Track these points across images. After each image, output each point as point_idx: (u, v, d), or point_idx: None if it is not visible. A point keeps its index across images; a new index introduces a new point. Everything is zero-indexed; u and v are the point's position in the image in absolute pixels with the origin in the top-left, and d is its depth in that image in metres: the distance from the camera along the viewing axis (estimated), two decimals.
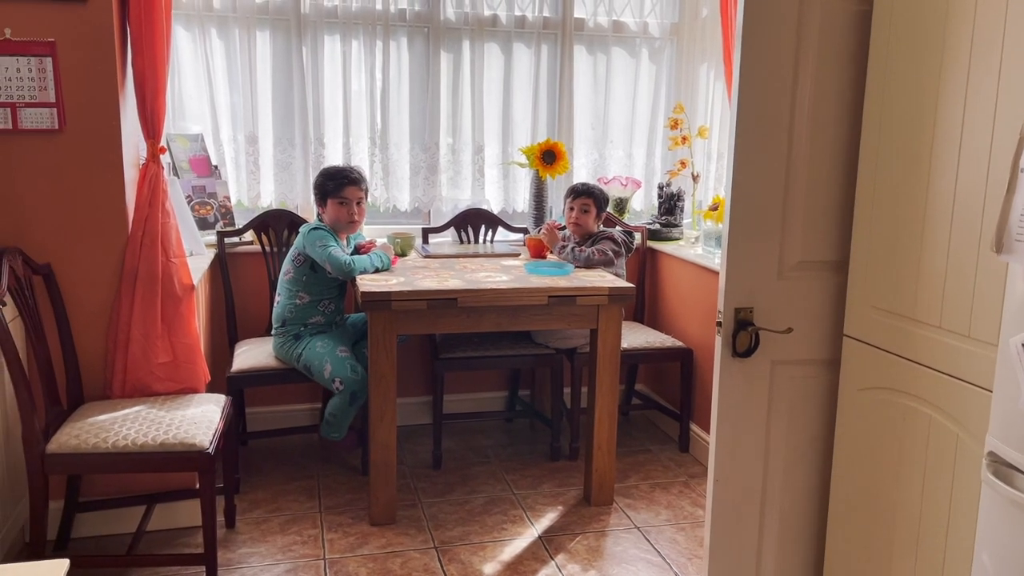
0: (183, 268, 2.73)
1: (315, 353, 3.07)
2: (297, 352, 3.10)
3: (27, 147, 2.54)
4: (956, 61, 1.63)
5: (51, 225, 2.58)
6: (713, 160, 4.08)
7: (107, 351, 2.68)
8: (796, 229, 1.95)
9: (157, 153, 2.70)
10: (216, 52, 3.53)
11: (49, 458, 2.30)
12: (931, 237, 1.71)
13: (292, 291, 3.16)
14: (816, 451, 2.07)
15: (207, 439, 2.40)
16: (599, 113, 4.03)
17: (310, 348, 3.09)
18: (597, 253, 3.33)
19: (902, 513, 1.82)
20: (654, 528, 2.96)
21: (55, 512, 2.56)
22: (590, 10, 3.94)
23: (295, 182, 3.69)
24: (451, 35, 3.78)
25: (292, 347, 3.11)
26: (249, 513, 2.98)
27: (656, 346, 3.57)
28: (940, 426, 1.71)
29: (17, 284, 2.37)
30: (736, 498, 2.05)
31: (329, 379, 3.02)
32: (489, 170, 3.95)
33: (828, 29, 1.88)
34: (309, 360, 3.07)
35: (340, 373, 3.02)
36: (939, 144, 1.68)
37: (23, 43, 2.48)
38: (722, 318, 1.93)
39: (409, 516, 2.99)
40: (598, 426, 3.05)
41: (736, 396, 1.99)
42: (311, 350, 3.08)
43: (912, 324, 1.76)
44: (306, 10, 3.57)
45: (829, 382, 2.03)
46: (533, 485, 3.28)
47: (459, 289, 2.84)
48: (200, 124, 3.56)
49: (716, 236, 3.54)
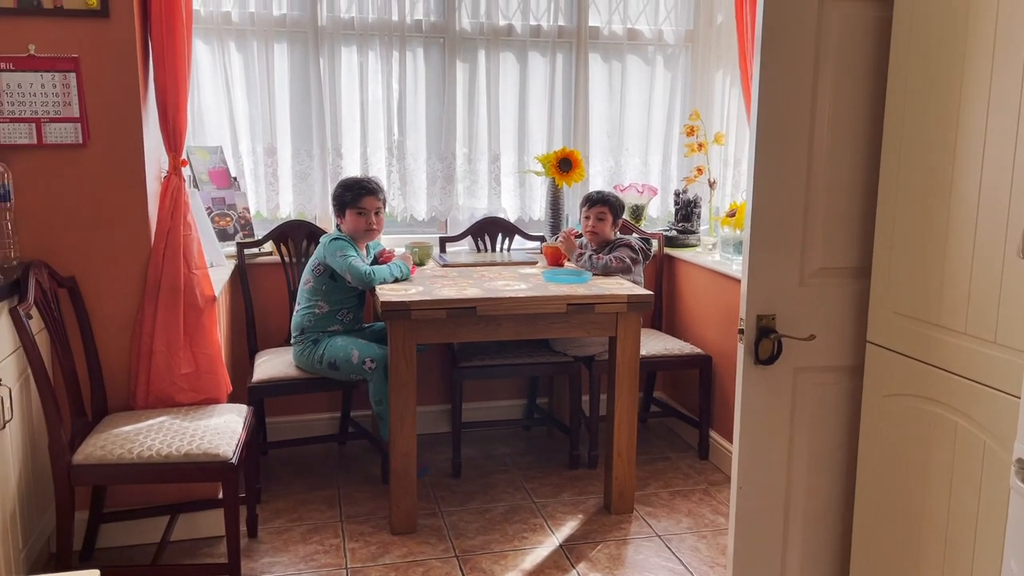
0: (205, 280, 2.75)
1: (338, 347, 3.10)
2: (319, 354, 3.12)
3: (52, 162, 2.57)
4: (978, 64, 1.63)
5: (75, 238, 2.62)
6: (730, 166, 4.07)
7: (130, 362, 2.71)
8: (817, 236, 1.95)
9: (179, 166, 2.72)
10: (235, 65, 3.57)
11: (75, 469, 2.33)
12: (955, 242, 1.70)
13: (312, 300, 3.18)
14: (840, 458, 2.06)
15: (230, 449, 2.42)
16: (615, 121, 4.04)
17: (331, 345, 3.12)
18: (615, 261, 3.34)
19: (929, 521, 1.81)
20: (675, 536, 2.95)
21: (80, 523, 2.59)
22: (605, 18, 3.95)
23: (313, 193, 3.71)
24: (467, 45, 3.80)
25: (312, 351, 3.13)
26: (271, 523, 2.99)
27: (675, 353, 3.56)
28: (967, 433, 1.69)
29: (43, 297, 2.40)
30: (760, 506, 2.04)
31: (359, 363, 3.05)
32: (505, 179, 3.96)
33: (847, 35, 1.88)
34: (334, 354, 3.10)
35: (369, 353, 3.07)
36: (962, 148, 1.67)
37: (48, 59, 2.51)
38: (744, 326, 1.93)
39: (430, 525, 2.99)
40: (618, 434, 3.05)
41: (759, 403, 1.99)
42: (333, 346, 3.12)
43: (937, 330, 1.75)
44: (323, 22, 3.60)
45: (852, 389, 2.02)
46: (553, 493, 3.27)
47: (478, 298, 2.85)
48: (219, 136, 3.59)
49: (734, 242, 3.54)
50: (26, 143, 2.54)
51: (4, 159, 2.49)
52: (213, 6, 3.49)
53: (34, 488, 2.45)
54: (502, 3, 3.81)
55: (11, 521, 2.26)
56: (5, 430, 2.22)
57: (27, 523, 2.38)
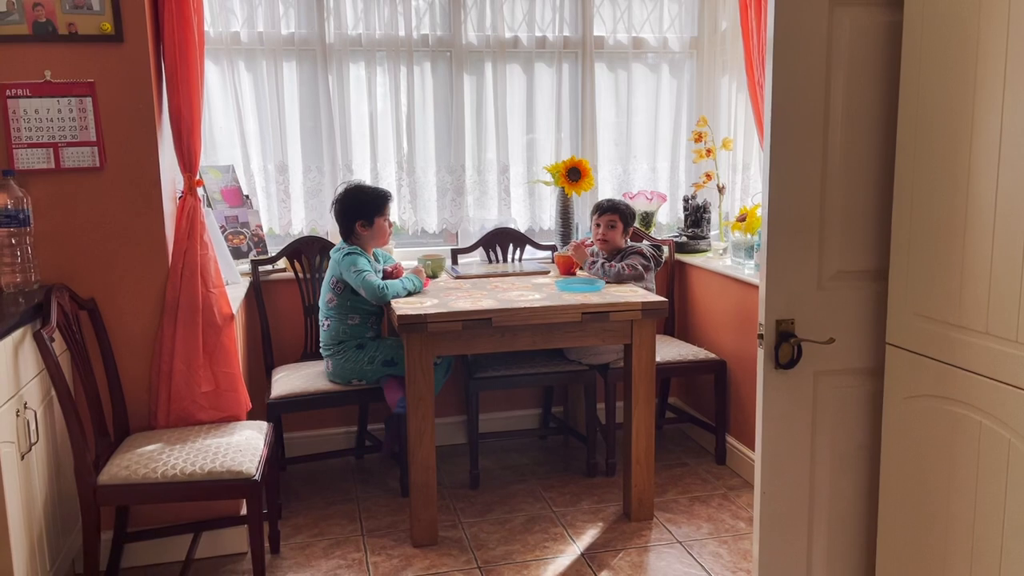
0: (222, 298, 2.78)
1: (390, 345, 3.18)
2: (368, 355, 3.16)
3: (69, 186, 2.60)
4: (991, 64, 1.64)
5: (94, 261, 2.64)
6: (738, 171, 4.09)
7: (151, 382, 2.73)
8: (834, 239, 1.96)
9: (194, 186, 2.75)
10: (244, 84, 3.60)
11: (101, 490, 2.35)
12: (973, 242, 1.71)
13: (342, 314, 3.19)
14: (863, 461, 2.07)
15: (253, 466, 2.43)
16: (622, 128, 4.06)
17: (382, 345, 3.19)
18: (627, 268, 3.35)
19: (955, 521, 1.82)
20: (696, 542, 2.95)
21: (105, 543, 2.60)
22: (610, 28, 3.97)
23: (325, 208, 3.73)
24: (473, 58, 3.83)
25: (360, 356, 3.16)
26: (292, 538, 3.01)
27: (689, 359, 3.57)
28: (991, 432, 1.70)
29: (65, 319, 2.43)
30: (783, 510, 2.05)
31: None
32: (515, 189, 3.98)
33: (858, 39, 1.90)
34: (390, 352, 3.15)
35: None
36: (977, 147, 1.69)
37: (64, 84, 2.54)
38: (764, 331, 1.94)
39: (451, 537, 3.00)
40: (635, 441, 3.05)
41: (780, 408, 1.99)
42: (384, 346, 3.18)
43: (957, 330, 1.76)
44: (331, 39, 3.63)
45: (873, 391, 2.03)
46: (572, 502, 3.28)
47: (493, 309, 2.86)
48: (231, 155, 3.62)
49: (745, 247, 3.55)
50: (44, 168, 2.56)
51: (23, 184, 2.52)
52: (222, 26, 3.52)
53: (59, 510, 2.47)
54: (507, 15, 3.84)
55: (38, 543, 2.28)
56: (31, 452, 2.24)
57: (53, 545, 2.40)
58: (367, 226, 3.19)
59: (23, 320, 2.25)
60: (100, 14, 2.53)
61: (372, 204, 3.18)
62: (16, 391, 2.17)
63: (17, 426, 2.15)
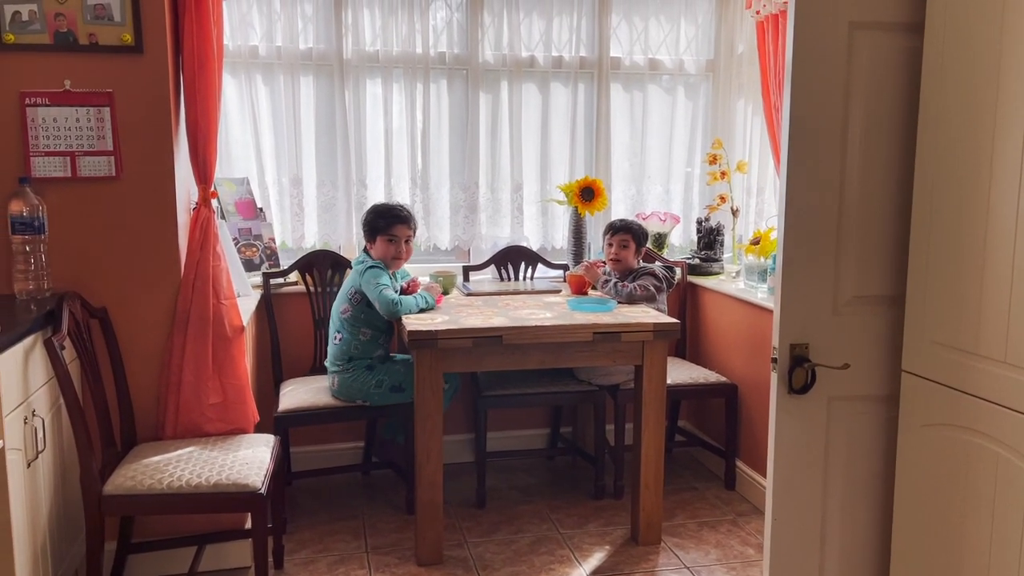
0: (233, 310, 2.77)
1: (399, 371, 3.18)
2: (377, 379, 3.15)
3: (85, 194, 2.61)
4: (1013, 88, 1.62)
5: (107, 270, 2.65)
6: (753, 195, 4.07)
7: (159, 392, 2.73)
8: (850, 264, 1.94)
9: (208, 198, 2.76)
10: (261, 98, 3.62)
11: (106, 499, 2.33)
12: (992, 269, 1.69)
13: (354, 328, 3.18)
14: (876, 488, 2.03)
15: (259, 480, 2.42)
16: (636, 149, 4.06)
17: (390, 369, 3.19)
18: (639, 289, 3.33)
19: (970, 553, 1.78)
20: (704, 568, 2.91)
21: (108, 553, 2.58)
22: (626, 49, 3.98)
23: (338, 223, 3.74)
24: (490, 76, 3.85)
25: (367, 378, 3.15)
26: (297, 553, 2.98)
27: (700, 382, 3.54)
28: (1008, 463, 1.67)
29: (76, 328, 2.43)
30: (795, 537, 2.02)
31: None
32: (528, 207, 3.98)
33: (878, 65, 1.89)
34: (399, 378, 3.16)
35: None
36: (998, 174, 1.67)
37: (83, 94, 2.56)
38: (777, 355, 1.92)
39: (456, 556, 2.97)
40: (645, 464, 3.02)
41: (793, 433, 1.97)
42: (393, 371, 3.18)
43: (975, 359, 1.74)
44: (348, 55, 3.65)
45: (888, 418, 2.00)
46: (579, 524, 3.24)
47: (504, 326, 2.85)
48: (245, 168, 3.63)
49: (758, 270, 3.53)
50: (61, 176, 2.58)
51: (39, 192, 2.53)
52: (241, 40, 3.55)
53: (64, 518, 2.46)
54: (524, 35, 3.85)
55: (41, 552, 2.27)
56: (38, 460, 2.23)
57: (57, 553, 2.39)
58: (370, 242, 3.22)
59: (34, 327, 2.25)
60: (121, 25, 2.56)
61: (377, 222, 3.20)
62: (25, 398, 2.16)
63: (25, 433, 2.14)
